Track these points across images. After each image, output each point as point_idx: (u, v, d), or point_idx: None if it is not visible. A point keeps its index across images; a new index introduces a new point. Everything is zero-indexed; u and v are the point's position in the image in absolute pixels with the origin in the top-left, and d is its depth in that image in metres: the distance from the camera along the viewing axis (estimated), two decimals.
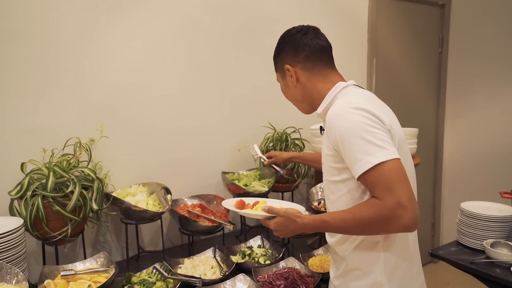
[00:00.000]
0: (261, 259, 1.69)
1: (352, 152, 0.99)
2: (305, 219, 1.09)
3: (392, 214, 0.94)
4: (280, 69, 1.26)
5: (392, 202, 0.94)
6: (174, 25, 1.95)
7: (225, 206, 1.40)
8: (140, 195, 1.70)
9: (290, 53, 1.20)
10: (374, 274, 1.09)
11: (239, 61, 2.20)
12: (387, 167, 0.95)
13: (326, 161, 1.14)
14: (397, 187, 0.94)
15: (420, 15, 3.27)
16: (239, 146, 2.22)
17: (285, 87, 1.27)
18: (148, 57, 1.89)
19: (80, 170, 1.58)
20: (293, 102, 1.30)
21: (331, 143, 1.07)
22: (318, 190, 2.08)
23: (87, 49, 1.72)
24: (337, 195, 1.12)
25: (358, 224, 1.00)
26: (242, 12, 2.18)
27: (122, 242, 1.88)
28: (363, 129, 0.98)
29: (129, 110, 1.85)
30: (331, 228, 1.08)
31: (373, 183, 0.97)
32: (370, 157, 0.96)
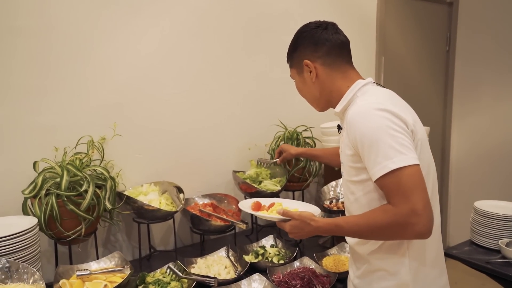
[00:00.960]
0: (275, 258, 1.68)
1: (371, 155, 0.98)
2: (319, 223, 1.09)
3: (406, 221, 0.94)
4: (297, 65, 1.22)
5: (406, 209, 0.94)
6: (185, 22, 1.94)
7: (241, 208, 1.38)
8: (152, 194, 1.68)
9: (309, 48, 1.17)
10: (399, 275, 1.07)
11: (249, 59, 2.18)
12: (405, 173, 0.94)
13: (346, 161, 1.12)
14: (413, 194, 0.94)
15: (427, 13, 3.25)
16: (249, 144, 2.20)
17: (302, 84, 1.24)
18: (159, 54, 1.87)
19: (92, 169, 1.56)
20: (308, 99, 1.27)
21: (350, 143, 1.05)
22: (330, 189, 2.06)
23: (99, 46, 1.70)
24: (356, 195, 1.11)
25: (371, 229, 1.01)
26: (252, 9, 2.16)
27: (133, 241, 1.87)
28: (384, 132, 0.97)
29: (140, 109, 1.84)
30: (345, 232, 1.08)
31: (389, 188, 0.97)
32: (388, 162, 0.95)
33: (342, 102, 1.15)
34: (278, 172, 2.06)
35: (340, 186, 2.06)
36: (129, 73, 1.79)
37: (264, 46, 2.23)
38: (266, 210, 1.35)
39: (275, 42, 2.25)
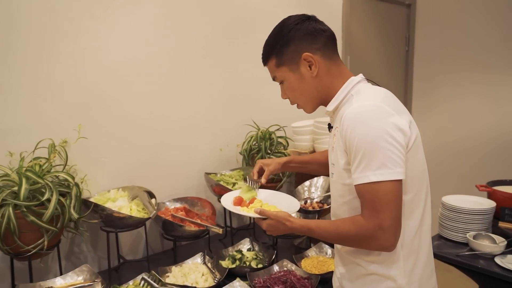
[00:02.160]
0: (253, 263, 1.62)
1: (357, 159, 0.97)
2: (294, 224, 1.12)
3: (370, 235, 0.97)
4: (290, 61, 1.10)
5: (373, 224, 0.96)
6: (155, 18, 1.83)
7: (223, 203, 1.36)
8: (121, 200, 1.57)
9: (306, 40, 1.07)
10: (394, 278, 1.06)
11: (221, 58, 2.11)
12: (382, 188, 0.94)
13: (338, 163, 1.07)
14: (384, 210, 0.95)
15: (388, 14, 3.34)
16: (220, 145, 2.14)
17: (299, 81, 1.11)
18: (127, 52, 1.75)
19: (54, 175, 1.42)
20: (303, 99, 1.16)
21: (343, 143, 1.02)
22: (304, 189, 2.04)
23: (62, 42, 1.56)
24: (346, 198, 1.08)
25: (339, 237, 1.06)
26: (223, 7, 2.09)
27: (99, 252, 1.74)
28: (376, 142, 0.94)
29: (106, 109, 1.71)
30: (315, 236, 1.11)
31: (364, 198, 0.98)
32: (369, 172, 0.95)
33: (336, 100, 1.10)
34: (250, 173, 2.01)
35: (314, 186, 2.05)
36: (94, 71, 1.66)
37: (236, 45, 2.16)
38: (247, 206, 1.33)
39: (247, 41, 2.20)
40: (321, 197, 1.99)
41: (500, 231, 1.85)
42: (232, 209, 1.31)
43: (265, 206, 1.29)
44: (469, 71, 3.29)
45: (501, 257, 1.69)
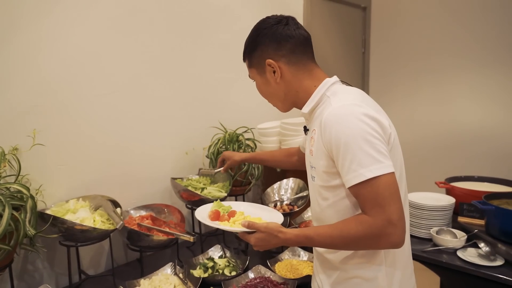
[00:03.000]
0: (226, 270, 1.57)
1: (346, 161, 0.94)
2: (287, 235, 1.03)
3: (382, 232, 0.92)
4: (257, 65, 1.14)
5: (382, 220, 0.92)
6: (116, 15, 1.71)
7: (198, 218, 1.25)
8: (82, 211, 1.44)
9: (271, 46, 1.09)
10: (376, 281, 1.05)
11: (185, 58, 2.02)
12: (381, 182, 0.92)
13: (319, 166, 1.05)
14: (389, 204, 0.92)
15: (347, 16, 3.41)
16: (186, 149, 2.05)
17: (264, 85, 1.15)
18: (85, 50, 1.62)
19: (4, 187, 1.28)
20: (272, 101, 1.20)
21: (324, 146, 1.00)
22: (274, 191, 2.01)
23: (12, 38, 1.40)
24: (331, 200, 1.05)
25: (345, 241, 0.98)
26: (185, 5, 2.01)
27: (56, 268, 1.59)
28: (361, 137, 0.93)
29: (61, 112, 1.57)
30: (316, 244, 1.04)
31: (365, 197, 0.94)
32: (364, 170, 0.92)
33: (310, 102, 1.09)
34: (219, 178, 1.95)
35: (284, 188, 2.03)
36: (48, 71, 1.51)
37: (201, 45, 2.09)
38: (227, 220, 1.23)
39: (213, 41, 2.13)
40: (291, 199, 1.98)
41: (459, 225, 1.94)
42: (211, 224, 1.21)
43: (248, 219, 1.20)
44: (421, 71, 3.45)
45: (462, 250, 1.76)
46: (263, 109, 2.51)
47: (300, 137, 2.13)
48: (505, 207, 1.76)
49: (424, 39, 3.40)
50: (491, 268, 1.61)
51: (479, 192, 1.97)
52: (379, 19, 3.65)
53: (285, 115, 2.53)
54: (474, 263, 1.65)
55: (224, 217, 1.25)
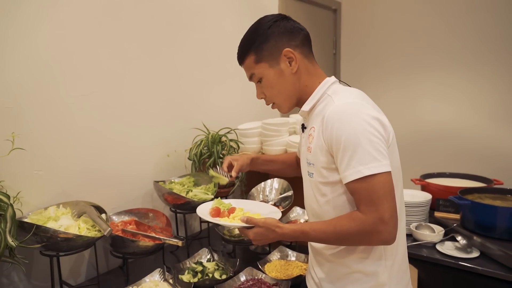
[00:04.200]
0: (216, 274, 1.54)
1: (345, 157, 0.97)
2: (284, 229, 1.06)
3: (373, 229, 0.96)
4: (268, 57, 1.10)
5: (374, 217, 0.95)
6: (90, 15, 1.63)
7: (199, 214, 1.26)
8: (64, 219, 1.36)
9: (285, 36, 1.08)
10: (376, 275, 1.08)
11: (165, 57, 1.96)
12: (377, 181, 0.95)
13: (318, 162, 1.07)
14: (382, 202, 0.95)
15: (319, 18, 3.47)
16: (166, 151, 2.00)
17: (278, 77, 1.11)
18: (61, 48, 1.53)
19: None
20: (279, 97, 1.15)
21: (325, 142, 1.03)
22: (259, 191, 2.00)
23: None
24: (330, 196, 1.08)
25: (338, 237, 1.02)
26: (168, 5, 1.95)
27: (33, 279, 1.50)
28: (364, 136, 0.96)
29: (37, 114, 1.48)
30: (310, 239, 1.07)
31: (360, 194, 0.97)
32: (362, 167, 0.95)
33: (312, 100, 1.11)
34: (201, 180, 1.91)
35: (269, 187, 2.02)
36: (21, 70, 1.42)
37: (179, 45, 2.04)
38: (227, 217, 1.24)
39: (190, 41, 2.09)
40: (276, 199, 1.97)
41: (436, 220, 2.03)
42: (212, 220, 1.22)
43: (247, 215, 1.21)
44: (390, 72, 3.57)
45: (440, 244, 1.84)
46: (242, 110, 2.50)
47: (282, 138, 2.13)
48: (479, 201, 1.86)
49: (393, 41, 3.52)
50: (468, 260, 1.69)
51: (453, 188, 2.06)
52: (349, 21, 3.75)
53: (265, 116, 2.54)
54: (452, 256, 1.73)
55: (225, 214, 1.25)
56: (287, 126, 2.17)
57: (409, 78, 3.50)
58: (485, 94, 3.17)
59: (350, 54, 3.77)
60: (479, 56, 3.15)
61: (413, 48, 3.43)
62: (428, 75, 3.40)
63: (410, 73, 3.48)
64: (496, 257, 1.65)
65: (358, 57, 3.72)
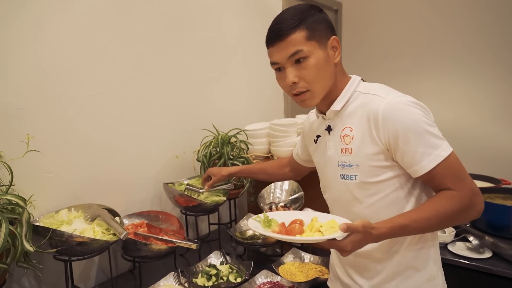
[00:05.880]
0: (231, 277, 1.52)
1: (419, 147, 0.95)
2: (381, 229, 0.93)
3: (471, 202, 0.96)
4: (320, 38, 1.03)
5: (468, 190, 0.96)
6: (100, 17, 1.59)
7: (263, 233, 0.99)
8: (77, 222, 1.33)
9: (330, 26, 1.06)
10: (428, 268, 1.08)
11: (173, 59, 1.93)
12: (452, 158, 0.97)
13: (365, 161, 1.03)
14: (466, 176, 0.98)
15: None
16: (176, 152, 1.97)
17: (325, 60, 1.03)
18: (70, 51, 1.50)
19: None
20: (319, 83, 1.04)
21: (381, 139, 0.99)
22: (270, 193, 1.98)
23: None
24: (378, 196, 1.04)
25: (442, 220, 0.97)
26: (174, 7, 1.92)
27: (44, 285, 1.46)
28: (425, 123, 0.96)
29: (46, 116, 1.44)
30: (410, 231, 0.99)
31: (444, 176, 0.96)
32: (438, 150, 0.95)
33: (342, 98, 1.08)
34: None
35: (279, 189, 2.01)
36: (31, 71, 1.38)
37: (189, 46, 2.01)
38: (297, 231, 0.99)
39: (200, 42, 2.06)
40: (286, 201, 1.96)
41: None
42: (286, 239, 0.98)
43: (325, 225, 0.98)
44: (392, 72, 3.58)
45: (452, 244, 1.84)
46: (248, 111, 2.48)
47: (290, 139, 2.11)
48: (489, 201, 1.86)
49: (394, 41, 3.53)
50: (481, 260, 1.69)
51: None
52: (350, 21, 3.75)
53: (270, 117, 2.52)
54: (464, 256, 1.73)
55: (295, 230, 1.00)
56: (295, 126, 2.15)
57: (409, 78, 3.50)
58: (486, 94, 3.18)
59: (351, 54, 3.76)
60: (479, 56, 3.16)
61: (413, 48, 3.44)
62: (429, 75, 3.40)
63: (410, 73, 3.49)
64: (509, 257, 1.65)
65: (359, 57, 3.72)
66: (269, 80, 2.67)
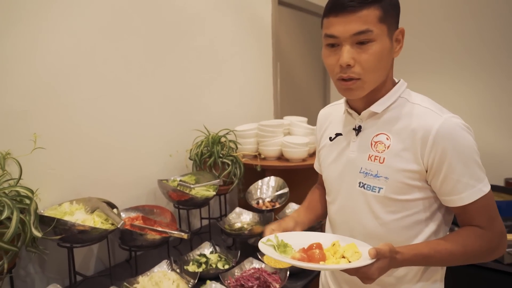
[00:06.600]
0: (219, 264, 1.66)
1: (463, 177, 0.90)
2: (405, 255, 0.89)
3: (498, 244, 0.95)
4: (389, 25, 0.92)
5: (498, 232, 0.95)
6: (99, 20, 1.74)
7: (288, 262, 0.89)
8: (79, 213, 1.47)
9: (398, 17, 0.97)
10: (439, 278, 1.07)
11: (167, 65, 2.08)
12: (490, 195, 0.93)
13: (397, 176, 0.95)
14: (497, 216, 0.95)
15: (312, 25, 3.61)
16: (170, 151, 2.11)
17: (387, 50, 0.93)
18: (71, 56, 1.63)
19: (9, 190, 1.28)
20: (375, 74, 0.94)
21: (425, 159, 0.92)
22: (257, 189, 2.13)
23: None
24: (398, 215, 0.97)
25: (467, 257, 0.94)
26: (166, 13, 2.07)
27: (47, 272, 1.60)
28: (475, 152, 0.92)
29: (50, 117, 1.58)
30: (431, 262, 0.96)
31: (479, 212, 0.93)
32: (481, 185, 0.92)
33: (387, 100, 0.99)
34: (202, 178, 2.03)
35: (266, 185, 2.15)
36: (36, 76, 1.52)
37: (182, 54, 2.16)
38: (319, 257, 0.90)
39: (192, 49, 2.21)
40: (272, 196, 2.10)
41: None
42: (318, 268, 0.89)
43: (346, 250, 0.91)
44: None
45: None
46: (238, 112, 2.63)
47: (277, 139, 2.26)
48: None
49: None
50: None
51: None
52: None
53: (260, 118, 2.67)
54: None
55: (315, 255, 0.91)
56: (282, 127, 2.31)
57: None
58: (465, 97, 3.36)
59: None
60: (459, 60, 3.34)
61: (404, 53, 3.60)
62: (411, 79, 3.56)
63: None
64: None
65: None
66: (260, 83, 2.82)
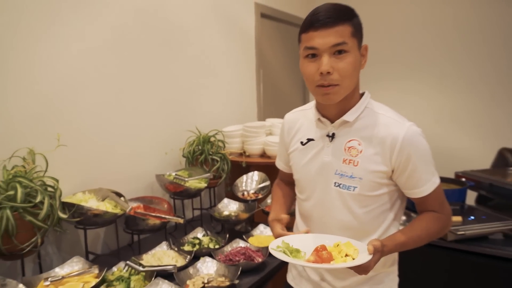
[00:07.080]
0: (211, 245, 1.95)
1: (423, 174, 1.09)
2: (390, 246, 1.06)
3: (449, 224, 1.19)
4: (358, 40, 1.07)
5: (448, 214, 1.17)
6: (104, 32, 2.02)
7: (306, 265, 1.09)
8: (92, 201, 1.74)
9: None
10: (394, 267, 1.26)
11: (162, 72, 2.37)
12: (440, 185, 1.14)
13: (369, 176, 1.10)
14: (446, 201, 1.17)
15: (294, 36, 3.94)
16: (165, 149, 2.39)
17: (357, 62, 1.07)
18: (80, 65, 1.91)
19: (39, 180, 1.55)
20: (346, 82, 1.06)
21: (393, 161, 1.08)
22: (242, 182, 2.43)
23: (16, 54, 1.67)
24: (369, 208, 1.14)
25: (429, 237, 1.14)
26: (164, 27, 2.36)
27: (62, 252, 1.86)
28: (430, 153, 1.12)
29: (62, 119, 1.84)
30: (406, 248, 1.11)
31: (434, 199, 1.14)
32: (434, 178, 1.12)
33: (356, 111, 1.13)
34: (194, 173, 2.31)
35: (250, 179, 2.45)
36: (49, 83, 1.78)
37: (175, 61, 2.45)
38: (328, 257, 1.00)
39: (184, 57, 2.50)
40: (256, 188, 2.41)
41: None
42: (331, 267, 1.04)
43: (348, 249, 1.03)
44: None
45: None
46: (226, 114, 2.93)
47: (260, 138, 2.57)
48: None
49: None
50: None
51: None
52: None
53: (245, 119, 2.97)
54: None
55: (324, 257, 1.00)
56: (264, 128, 2.62)
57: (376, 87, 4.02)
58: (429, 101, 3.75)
59: None
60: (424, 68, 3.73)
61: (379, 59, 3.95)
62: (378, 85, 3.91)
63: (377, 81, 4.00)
64: None
65: None
66: (244, 88, 3.13)
